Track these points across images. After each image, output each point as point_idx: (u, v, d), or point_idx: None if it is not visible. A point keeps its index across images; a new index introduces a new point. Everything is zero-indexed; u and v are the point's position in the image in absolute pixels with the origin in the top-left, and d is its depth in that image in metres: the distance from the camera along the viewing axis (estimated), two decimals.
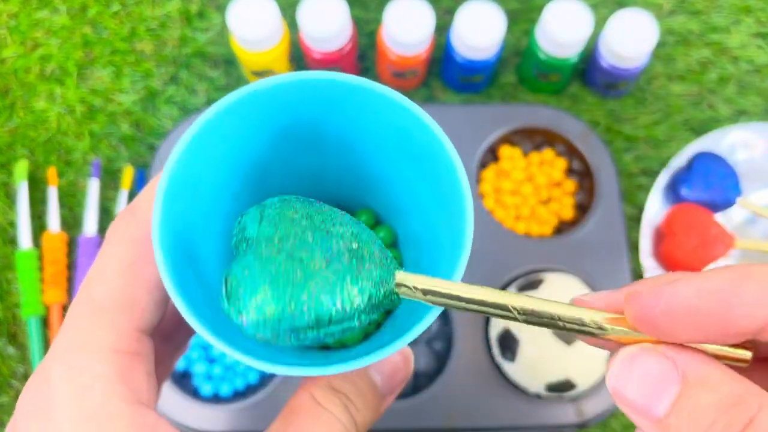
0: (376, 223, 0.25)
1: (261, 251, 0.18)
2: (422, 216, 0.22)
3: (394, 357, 0.21)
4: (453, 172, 0.19)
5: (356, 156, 0.23)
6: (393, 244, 0.25)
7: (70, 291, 0.52)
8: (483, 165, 0.55)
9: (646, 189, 0.55)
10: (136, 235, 0.20)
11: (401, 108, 0.20)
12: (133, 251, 0.20)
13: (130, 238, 0.20)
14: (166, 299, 0.20)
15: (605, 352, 0.45)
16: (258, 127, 0.21)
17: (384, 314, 0.24)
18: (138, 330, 0.19)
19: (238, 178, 0.22)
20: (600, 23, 0.58)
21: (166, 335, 0.23)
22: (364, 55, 0.58)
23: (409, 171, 0.22)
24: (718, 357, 0.16)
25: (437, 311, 0.18)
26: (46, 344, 0.51)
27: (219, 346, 0.18)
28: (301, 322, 0.18)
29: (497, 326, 0.47)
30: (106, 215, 0.54)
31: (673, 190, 0.52)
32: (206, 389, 0.48)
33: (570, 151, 0.54)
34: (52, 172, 0.54)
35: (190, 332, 0.24)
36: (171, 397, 0.47)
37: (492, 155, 0.55)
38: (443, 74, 0.57)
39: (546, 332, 0.44)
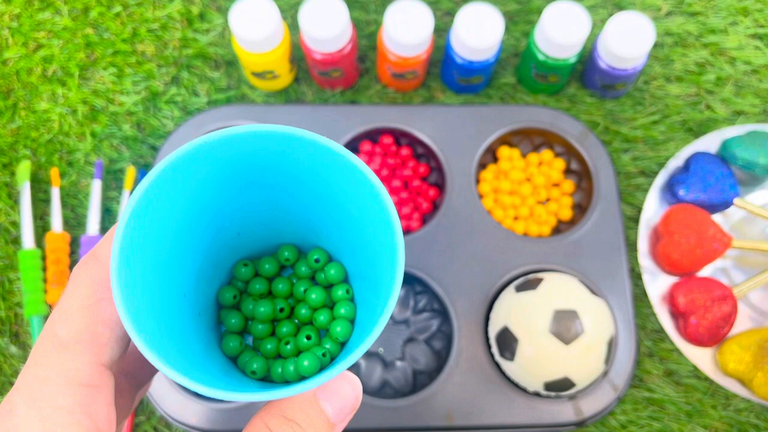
0: (328, 260, 0.27)
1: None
2: (368, 253, 0.24)
3: (344, 388, 0.23)
4: (387, 217, 0.21)
5: (306, 201, 0.25)
6: (344, 279, 0.27)
7: None
8: (482, 166, 0.55)
9: (644, 189, 0.55)
10: (97, 276, 0.21)
11: (340, 158, 0.21)
12: (95, 291, 0.21)
13: (92, 279, 0.21)
14: (126, 335, 0.22)
15: (603, 352, 0.46)
16: (212, 176, 0.22)
17: (339, 347, 0.25)
18: (99, 364, 0.20)
19: (195, 221, 0.23)
20: (598, 25, 0.58)
21: (129, 373, 0.25)
22: (364, 56, 0.58)
23: (354, 213, 0.23)
24: None
25: (373, 339, 0.20)
26: None
27: (174, 377, 0.19)
28: None
29: (496, 325, 0.48)
30: (108, 215, 0.54)
31: (670, 191, 0.53)
32: None
33: (568, 152, 0.55)
34: (54, 173, 0.54)
35: (153, 371, 0.26)
36: (172, 395, 0.47)
37: (491, 156, 0.55)
38: (443, 75, 0.57)
39: (544, 332, 0.45)
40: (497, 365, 0.49)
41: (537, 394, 0.48)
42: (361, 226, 0.24)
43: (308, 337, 0.25)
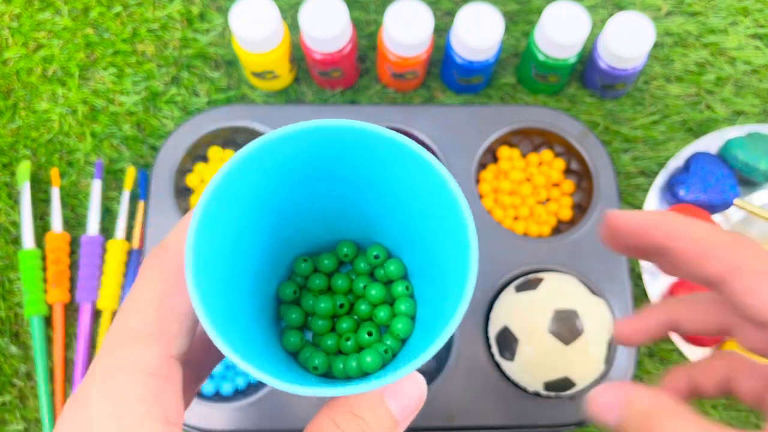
0: (387, 257, 0.27)
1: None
2: (430, 250, 0.24)
3: (409, 386, 0.23)
4: (460, 214, 0.21)
5: (368, 197, 0.25)
6: (404, 275, 0.26)
7: (73, 290, 0.53)
8: (482, 166, 0.55)
9: (644, 189, 0.55)
10: (167, 268, 0.22)
11: (411, 153, 0.21)
12: (164, 283, 0.21)
13: (161, 272, 0.22)
14: (193, 328, 0.22)
15: (603, 352, 0.46)
16: (276, 170, 0.22)
17: (400, 343, 0.25)
18: (169, 356, 0.21)
19: (259, 215, 0.24)
20: (598, 25, 0.58)
21: (192, 363, 0.25)
22: (364, 56, 0.58)
23: (418, 209, 0.23)
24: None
25: (443, 341, 0.20)
26: (48, 343, 0.51)
27: (246, 368, 0.19)
28: None
29: (496, 325, 0.48)
30: (108, 215, 0.54)
31: (670, 191, 0.53)
32: (207, 387, 0.48)
33: (568, 152, 0.55)
34: (54, 173, 0.54)
35: (214, 361, 0.26)
36: None
37: (491, 156, 0.55)
38: (443, 75, 0.57)
39: (544, 332, 0.45)
40: (497, 365, 0.49)
41: (537, 394, 0.48)
42: (424, 222, 0.23)
43: (369, 334, 0.25)
